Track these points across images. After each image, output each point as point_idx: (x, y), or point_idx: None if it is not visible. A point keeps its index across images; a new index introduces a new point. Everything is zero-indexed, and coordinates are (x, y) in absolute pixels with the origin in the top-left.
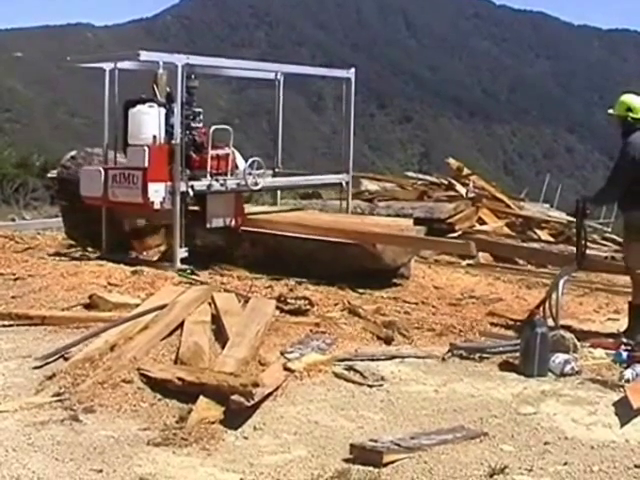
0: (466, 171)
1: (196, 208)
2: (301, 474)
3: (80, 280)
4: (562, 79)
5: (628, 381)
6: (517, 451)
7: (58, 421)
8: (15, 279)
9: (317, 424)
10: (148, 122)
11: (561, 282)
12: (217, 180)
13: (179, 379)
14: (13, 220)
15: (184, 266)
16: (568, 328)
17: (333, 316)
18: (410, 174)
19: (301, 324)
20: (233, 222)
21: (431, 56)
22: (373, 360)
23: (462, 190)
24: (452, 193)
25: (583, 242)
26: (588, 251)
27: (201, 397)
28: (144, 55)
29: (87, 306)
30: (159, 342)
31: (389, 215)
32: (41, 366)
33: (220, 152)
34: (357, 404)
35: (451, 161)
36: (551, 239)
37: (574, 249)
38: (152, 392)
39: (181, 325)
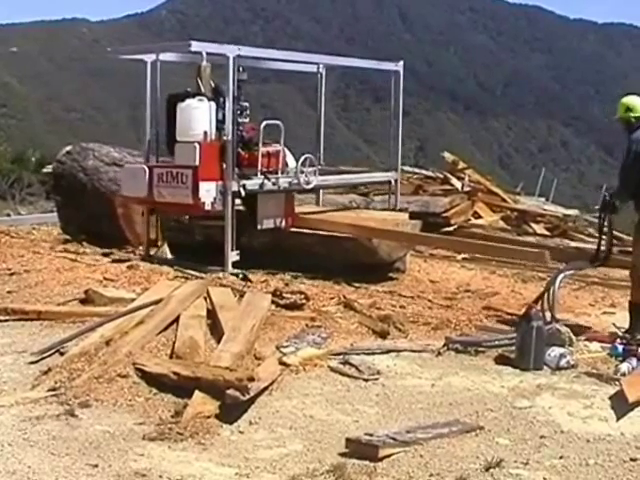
0: (461, 165)
1: (240, 208)
2: (297, 468)
3: (76, 275)
4: (557, 73)
5: (624, 374)
6: (513, 445)
7: (54, 416)
8: (11, 274)
9: (313, 418)
10: (198, 117)
11: (560, 276)
12: (268, 179)
13: (175, 373)
14: (9, 215)
15: (236, 270)
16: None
17: (329, 310)
18: (405, 168)
19: (297, 318)
20: (284, 223)
21: (426, 50)
22: (369, 354)
23: (457, 184)
24: (447, 187)
25: (608, 239)
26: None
27: (197, 391)
28: (195, 46)
29: (83, 301)
30: (155, 337)
31: (385, 209)
32: (37, 361)
33: (271, 149)
34: (353, 398)
35: (446, 155)
36: (547, 233)
37: (569, 243)
38: (148, 387)
39: (177, 320)
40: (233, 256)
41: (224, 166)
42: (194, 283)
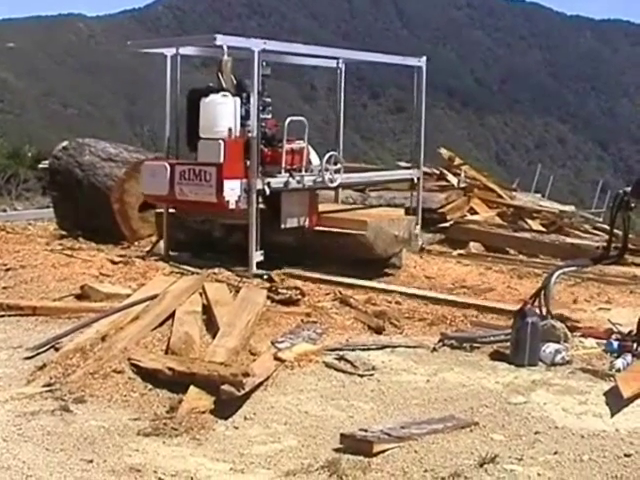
0: (458, 161)
1: (261, 206)
2: (291, 464)
3: (71, 270)
4: (554, 69)
5: (619, 370)
6: (507, 440)
7: (49, 411)
8: (6, 270)
9: (307, 414)
10: (223, 113)
11: (557, 273)
12: (293, 176)
13: (170, 369)
14: (4, 211)
15: (260, 271)
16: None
17: (324, 306)
18: (402, 164)
19: (292, 314)
20: (307, 222)
21: (423, 46)
22: (364, 350)
23: (454, 180)
24: (444, 183)
25: (623, 237)
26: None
27: (191, 387)
28: (220, 39)
29: (78, 296)
30: (150, 332)
31: (381, 205)
32: (32, 356)
33: (294, 146)
34: (348, 394)
35: (443, 151)
36: (542, 229)
37: (565, 239)
38: (143, 382)
39: (172, 315)
40: (257, 256)
41: (248, 164)
42: (189, 279)
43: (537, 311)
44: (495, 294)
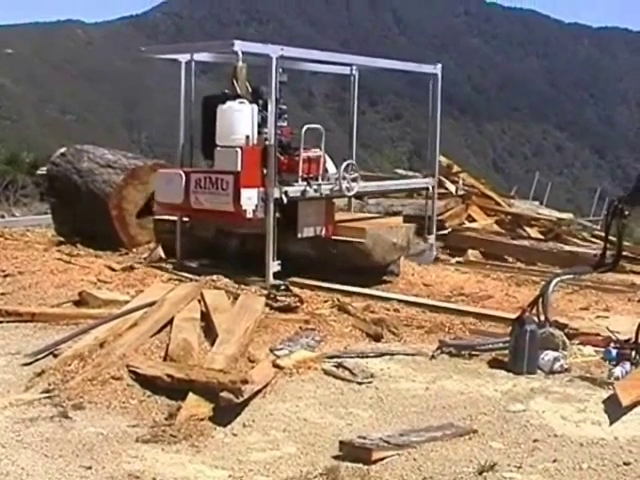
0: (456, 168)
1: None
2: (290, 471)
3: (70, 277)
4: (552, 77)
5: (617, 378)
6: (506, 448)
7: (47, 418)
8: (5, 276)
9: (306, 421)
10: (240, 121)
11: (555, 280)
12: (310, 185)
13: (168, 376)
14: (2, 217)
15: (277, 281)
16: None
17: (322, 313)
18: (400, 171)
19: (290, 321)
20: (324, 231)
21: (421, 53)
22: (362, 357)
23: (452, 187)
24: (442, 190)
25: (617, 246)
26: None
27: (190, 394)
28: (237, 45)
29: (77, 303)
30: (148, 339)
31: (379, 212)
32: (30, 363)
33: (311, 154)
34: (346, 401)
35: (441, 159)
36: (541, 237)
37: (563, 246)
38: (141, 389)
39: (170, 322)
40: (274, 266)
41: (265, 172)
42: (188, 285)
43: (535, 319)
44: (493, 302)
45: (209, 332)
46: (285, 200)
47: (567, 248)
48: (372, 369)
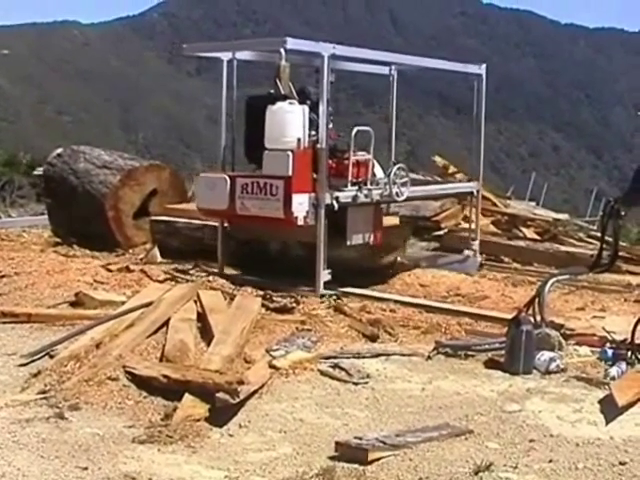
0: (452, 169)
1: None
2: (286, 471)
3: (66, 278)
4: (548, 77)
5: (613, 379)
6: (502, 448)
7: (43, 418)
8: (1, 276)
9: (302, 422)
10: (292, 122)
11: (551, 281)
12: (361, 190)
13: (164, 376)
14: None
15: (328, 291)
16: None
17: (319, 314)
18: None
19: (287, 322)
20: (372, 238)
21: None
22: (358, 358)
23: None
24: None
25: (613, 246)
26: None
27: (186, 395)
28: (290, 43)
29: (73, 304)
30: (145, 340)
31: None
32: (27, 364)
33: (360, 158)
34: (342, 402)
35: (437, 159)
36: (537, 237)
37: (559, 247)
38: (137, 389)
39: (167, 323)
40: (325, 275)
41: (315, 176)
42: (184, 286)
43: (531, 319)
44: (489, 302)
45: (205, 333)
46: (337, 206)
47: (563, 248)
48: (368, 370)
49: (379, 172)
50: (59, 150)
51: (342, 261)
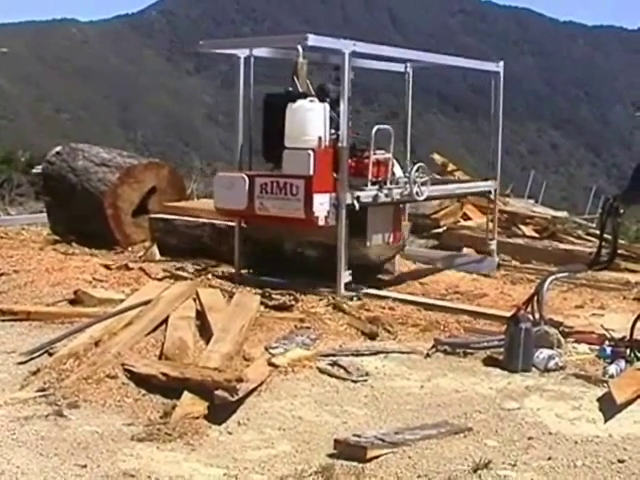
0: (451, 167)
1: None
2: (285, 469)
3: (65, 275)
4: (547, 75)
5: (612, 376)
6: (501, 446)
7: (42, 416)
8: (0, 274)
9: (301, 419)
10: (312, 121)
11: (550, 279)
12: (381, 189)
13: (163, 374)
14: None
15: (350, 293)
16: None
17: (318, 311)
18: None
19: (286, 319)
20: (392, 238)
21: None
22: (357, 355)
23: None
24: None
25: (612, 244)
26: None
27: (185, 392)
28: (311, 40)
29: (72, 301)
30: (143, 337)
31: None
32: (26, 361)
33: (380, 157)
34: (341, 399)
35: (436, 157)
36: (536, 235)
37: (558, 245)
38: (136, 387)
39: (166, 321)
40: (346, 277)
41: (335, 176)
42: (183, 284)
43: (530, 317)
44: (488, 300)
45: (204, 331)
46: (357, 206)
47: (562, 246)
48: (367, 367)
49: (398, 171)
50: (58, 148)
51: (361, 261)
